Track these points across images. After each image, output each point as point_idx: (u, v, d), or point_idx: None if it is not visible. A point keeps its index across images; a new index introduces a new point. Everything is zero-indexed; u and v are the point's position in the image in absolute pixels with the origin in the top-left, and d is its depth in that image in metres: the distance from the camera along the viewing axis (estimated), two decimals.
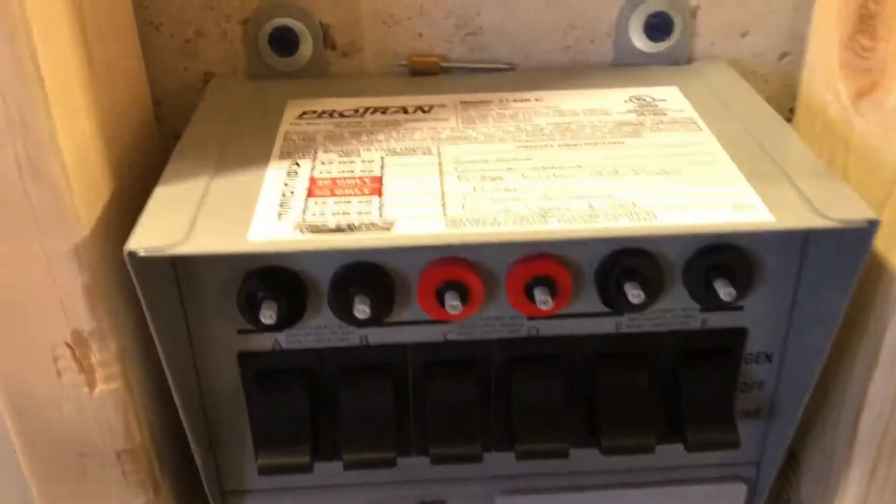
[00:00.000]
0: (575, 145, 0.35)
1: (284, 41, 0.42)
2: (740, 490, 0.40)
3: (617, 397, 0.37)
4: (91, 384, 0.34)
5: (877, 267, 0.35)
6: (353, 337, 0.35)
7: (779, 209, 0.31)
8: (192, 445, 0.36)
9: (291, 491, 0.39)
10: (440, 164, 0.34)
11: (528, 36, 0.43)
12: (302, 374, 0.36)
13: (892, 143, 0.34)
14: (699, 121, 0.37)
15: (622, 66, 0.43)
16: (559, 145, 0.35)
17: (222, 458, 0.38)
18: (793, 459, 0.43)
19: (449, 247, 0.32)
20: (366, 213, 0.31)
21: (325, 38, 0.42)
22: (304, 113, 0.39)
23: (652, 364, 0.37)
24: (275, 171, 0.34)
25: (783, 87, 0.45)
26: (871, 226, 0.30)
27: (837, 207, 0.30)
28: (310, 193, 0.32)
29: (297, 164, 0.34)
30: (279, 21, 0.41)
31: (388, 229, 0.30)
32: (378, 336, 0.35)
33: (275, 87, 0.42)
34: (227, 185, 0.33)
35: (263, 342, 0.35)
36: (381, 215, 0.31)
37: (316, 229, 0.30)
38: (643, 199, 0.31)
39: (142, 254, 0.29)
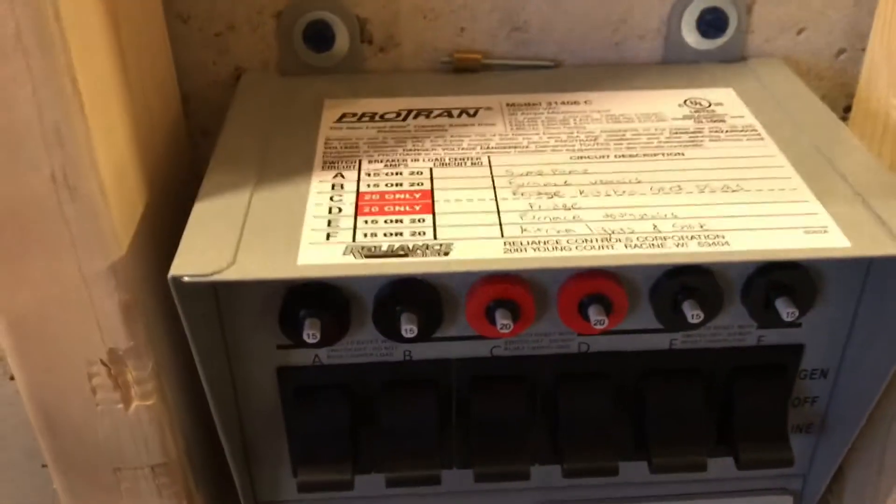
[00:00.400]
0: (632, 157, 0.34)
1: (319, 36, 0.40)
2: (787, 502, 0.39)
3: (669, 415, 0.35)
4: (126, 401, 0.33)
5: None
6: (397, 352, 0.34)
7: (853, 233, 0.29)
8: (229, 459, 0.34)
9: (329, 502, 0.38)
10: (492, 176, 0.33)
11: (575, 32, 0.41)
12: (343, 389, 0.35)
13: None
14: (760, 128, 0.36)
15: (672, 63, 0.41)
16: (615, 157, 0.34)
17: (258, 469, 0.37)
18: (837, 469, 0.42)
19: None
20: (420, 233, 0.29)
21: (362, 33, 0.40)
22: (344, 115, 0.37)
23: (705, 381, 0.35)
24: (319, 184, 0.32)
25: (838, 84, 0.43)
26: None
27: None
28: (359, 211, 0.31)
29: (342, 176, 0.33)
30: (314, 15, 0.39)
31: (446, 253, 0.28)
32: (422, 351, 0.34)
33: (309, 85, 0.40)
34: (269, 199, 0.31)
35: (303, 357, 0.34)
36: (436, 236, 0.29)
37: (369, 253, 0.28)
38: (710, 221, 0.30)
39: (186, 280, 0.27)
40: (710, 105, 0.37)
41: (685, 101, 0.38)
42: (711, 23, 0.40)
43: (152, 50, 0.37)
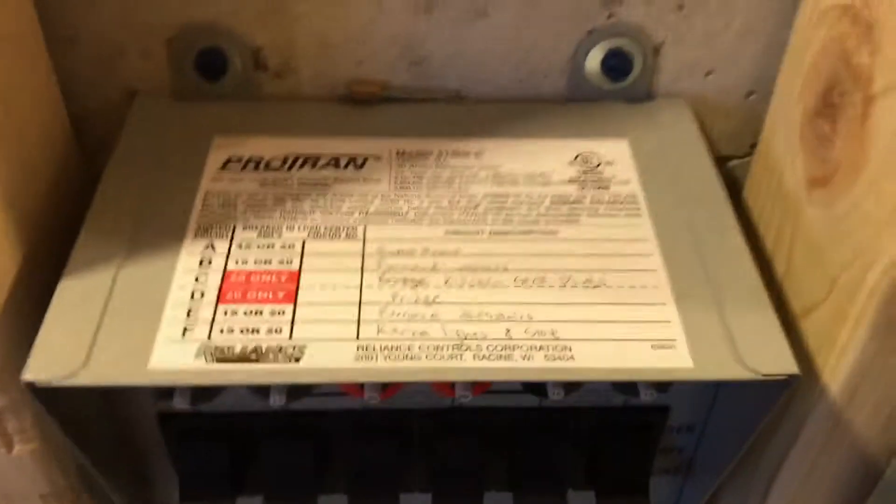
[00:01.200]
0: (506, 234, 0.34)
1: (211, 64, 0.39)
2: None
3: (536, 462, 0.37)
4: (8, 447, 0.34)
5: (803, 363, 0.34)
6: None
7: (700, 350, 0.30)
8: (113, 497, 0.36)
9: None
10: (363, 254, 0.33)
11: (479, 67, 0.40)
12: (223, 434, 0.36)
13: (834, 249, 0.33)
14: (641, 200, 0.36)
15: (576, 101, 0.41)
16: (490, 233, 0.34)
17: (150, 490, 0.39)
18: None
19: None
20: (276, 330, 0.30)
21: (257, 60, 0.39)
22: (229, 161, 0.37)
23: (573, 434, 0.37)
24: (187, 259, 0.32)
25: (746, 122, 0.42)
26: (792, 379, 0.29)
27: (761, 355, 0.30)
28: (221, 296, 0.31)
29: (213, 248, 0.33)
30: (206, 42, 0.38)
31: (297, 359, 0.29)
32: (300, 403, 0.35)
33: (202, 113, 0.39)
34: (134, 277, 0.32)
35: (182, 404, 0.35)
36: (291, 334, 0.30)
37: (221, 355, 0.29)
38: (563, 327, 0.30)
39: (38, 386, 0.28)
40: (598, 165, 0.37)
41: (576, 158, 0.37)
42: (615, 66, 0.39)
43: (30, 89, 0.36)
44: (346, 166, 0.37)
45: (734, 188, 0.43)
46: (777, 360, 0.29)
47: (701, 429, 0.38)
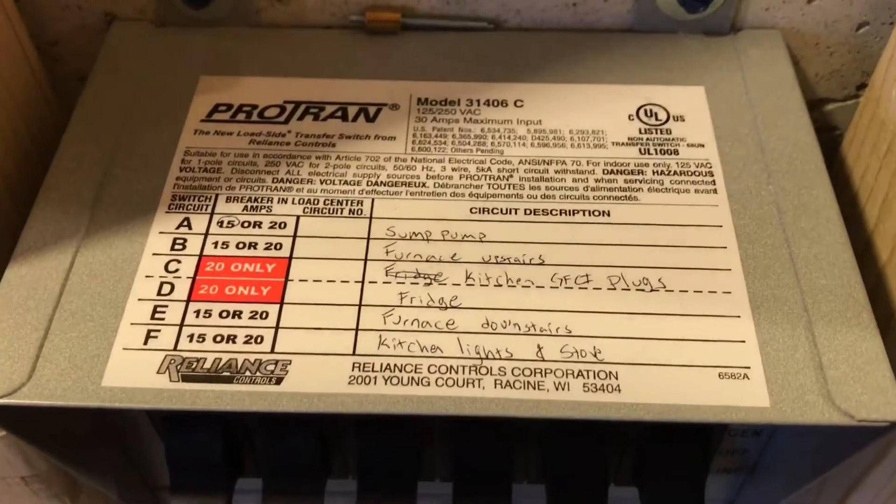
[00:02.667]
0: (546, 214, 0.27)
1: None
2: None
3: (574, 457, 0.32)
4: None
5: None
6: None
7: (780, 383, 0.24)
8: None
9: None
10: (368, 237, 0.27)
11: None
12: (215, 414, 0.32)
13: None
14: (718, 169, 0.29)
15: (643, 33, 0.33)
16: (525, 213, 0.27)
17: (145, 466, 0.35)
18: None
19: None
20: (257, 339, 0.25)
21: None
22: (217, 108, 0.30)
23: (618, 431, 0.32)
24: (158, 239, 0.27)
25: (853, 60, 0.34)
26: (893, 427, 0.23)
27: (857, 392, 0.23)
28: (194, 291, 0.26)
29: (189, 225, 0.27)
30: None
31: (278, 380, 0.24)
32: None
33: (188, 45, 0.33)
34: (94, 264, 0.26)
35: None
36: (274, 346, 0.24)
37: (188, 371, 0.24)
38: (608, 345, 0.24)
39: None
40: (667, 119, 0.30)
41: (639, 111, 0.30)
42: None
43: None
44: (356, 118, 0.30)
45: (830, 139, 0.35)
46: (878, 401, 0.23)
47: (770, 433, 0.32)
